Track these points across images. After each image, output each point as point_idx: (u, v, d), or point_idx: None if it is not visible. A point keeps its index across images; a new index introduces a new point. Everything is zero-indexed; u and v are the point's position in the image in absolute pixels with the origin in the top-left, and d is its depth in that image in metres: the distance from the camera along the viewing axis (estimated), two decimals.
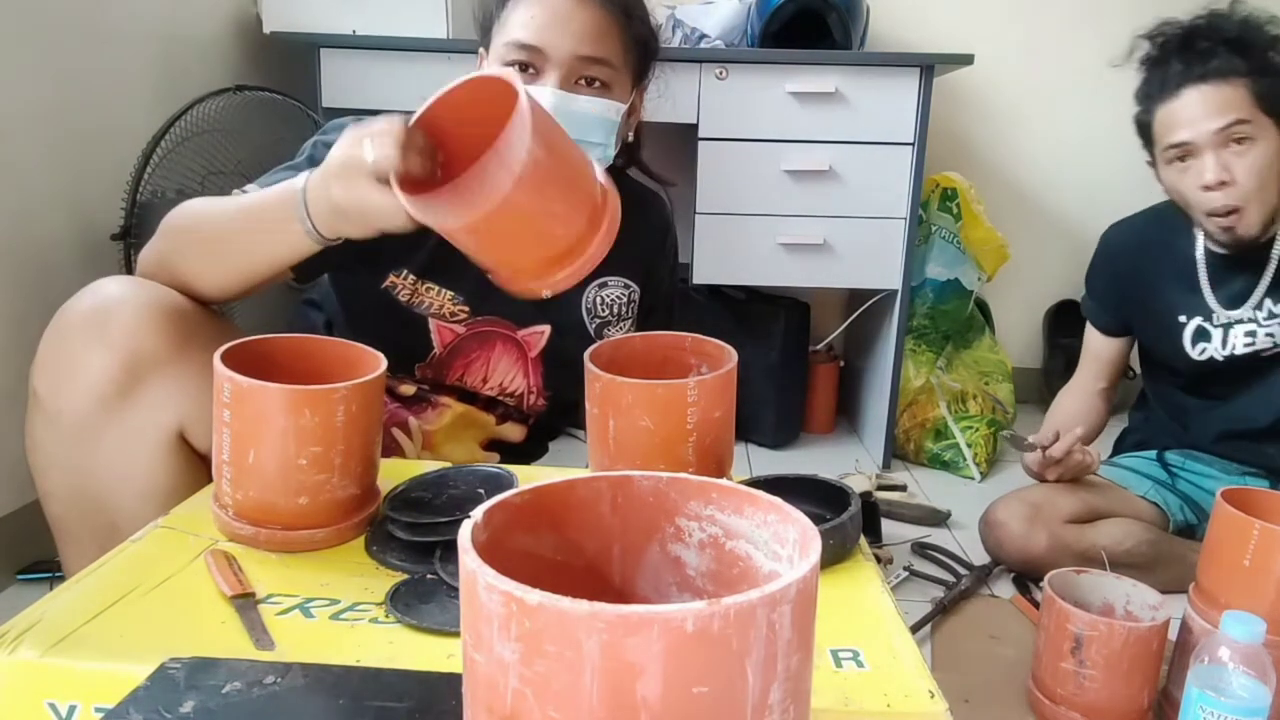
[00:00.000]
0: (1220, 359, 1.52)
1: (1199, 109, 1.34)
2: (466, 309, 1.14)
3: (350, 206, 0.80)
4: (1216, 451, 1.61)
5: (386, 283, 1.11)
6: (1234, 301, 1.49)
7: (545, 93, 1.02)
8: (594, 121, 1.06)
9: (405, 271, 1.11)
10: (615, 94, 1.07)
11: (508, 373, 1.20)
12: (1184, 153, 1.37)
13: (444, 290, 1.12)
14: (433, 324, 1.14)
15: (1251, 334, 1.49)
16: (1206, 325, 1.52)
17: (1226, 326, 1.50)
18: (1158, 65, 1.40)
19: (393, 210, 0.77)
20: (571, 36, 1.02)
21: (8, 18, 1.38)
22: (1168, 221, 1.54)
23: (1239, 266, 1.47)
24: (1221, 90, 1.32)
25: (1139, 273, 1.59)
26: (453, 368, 1.17)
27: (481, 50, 1.12)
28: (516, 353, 1.19)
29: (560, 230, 0.75)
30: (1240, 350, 1.50)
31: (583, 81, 1.04)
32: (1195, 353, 1.53)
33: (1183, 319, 1.53)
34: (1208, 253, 1.51)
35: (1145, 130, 1.45)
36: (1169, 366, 1.61)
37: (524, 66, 1.03)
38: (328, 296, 1.23)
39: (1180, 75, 1.35)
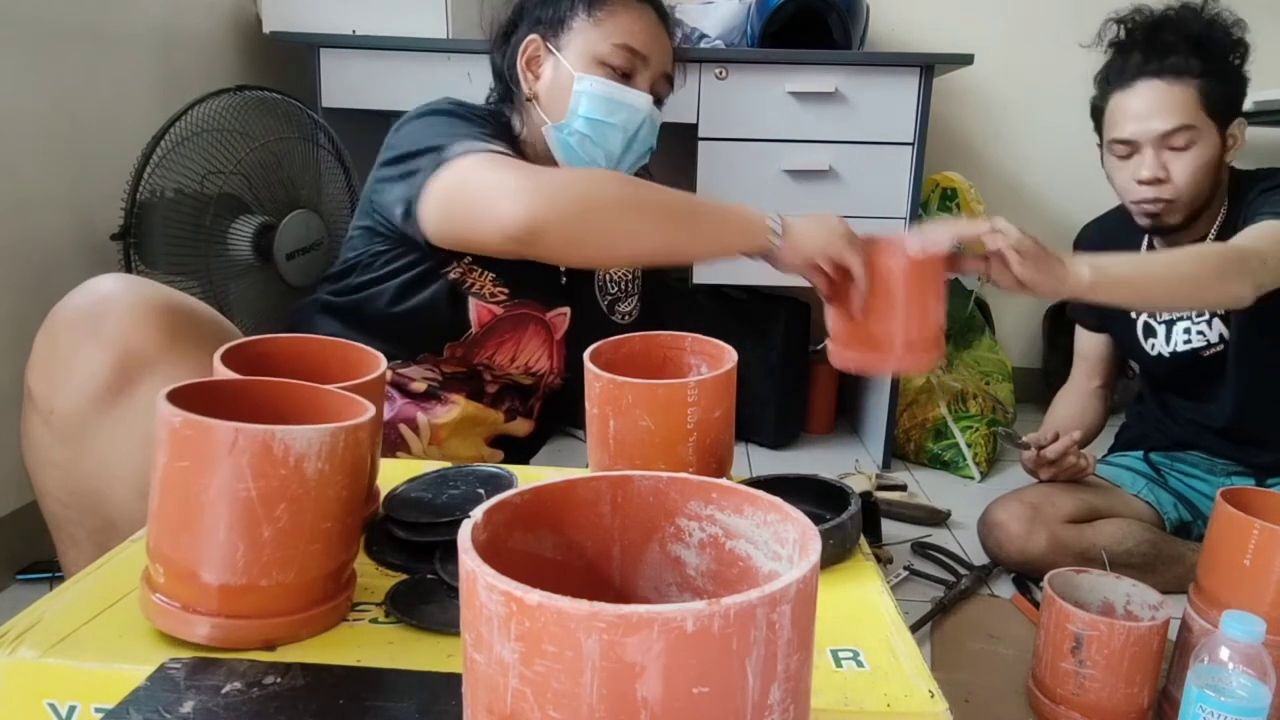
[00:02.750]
0: (1168, 355, 1.54)
1: (1148, 105, 1.36)
2: (506, 290, 1.17)
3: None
4: (1199, 448, 1.62)
5: (448, 266, 1.14)
6: None
7: (648, 100, 1.15)
8: (655, 131, 1.20)
9: (466, 255, 1.14)
10: (663, 106, 1.22)
11: (535, 354, 1.23)
12: (1129, 150, 1.40)
13: (487, 272, 1.16)
14: (473, 303, 1.16)
15: (1188, 331, 1.51)
16: (1151, 321, 1.55)
17: (1169, 323, 1.53)
18: (1121, 52, 1.41)
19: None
20: (664, 52, 1.18)
21: (8, 18, 1.38)
22: (1129, 218, 1.55)
23: None
24: (1173, 90, 1.34)
25: None
26: (485, 346, 1.20)
27: (535, 37, 1.17)
28: (544, 335, 1.23)
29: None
30: (1181, 348, 1.52)
31: (656, 97, 1.18)
32: (1148, 348, 1.57)
33: (1134, 314, 1.56)
34: (1149, 248, 1.54)
35: (1098, 114, 1.47)
36: (1139, 364, 1.65)
37: (619, 69, 1.14)
38: (355, 308, 1.19)
39: (1138, 67, 1.37)
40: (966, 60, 1.93)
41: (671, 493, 0.46)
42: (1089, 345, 1.72)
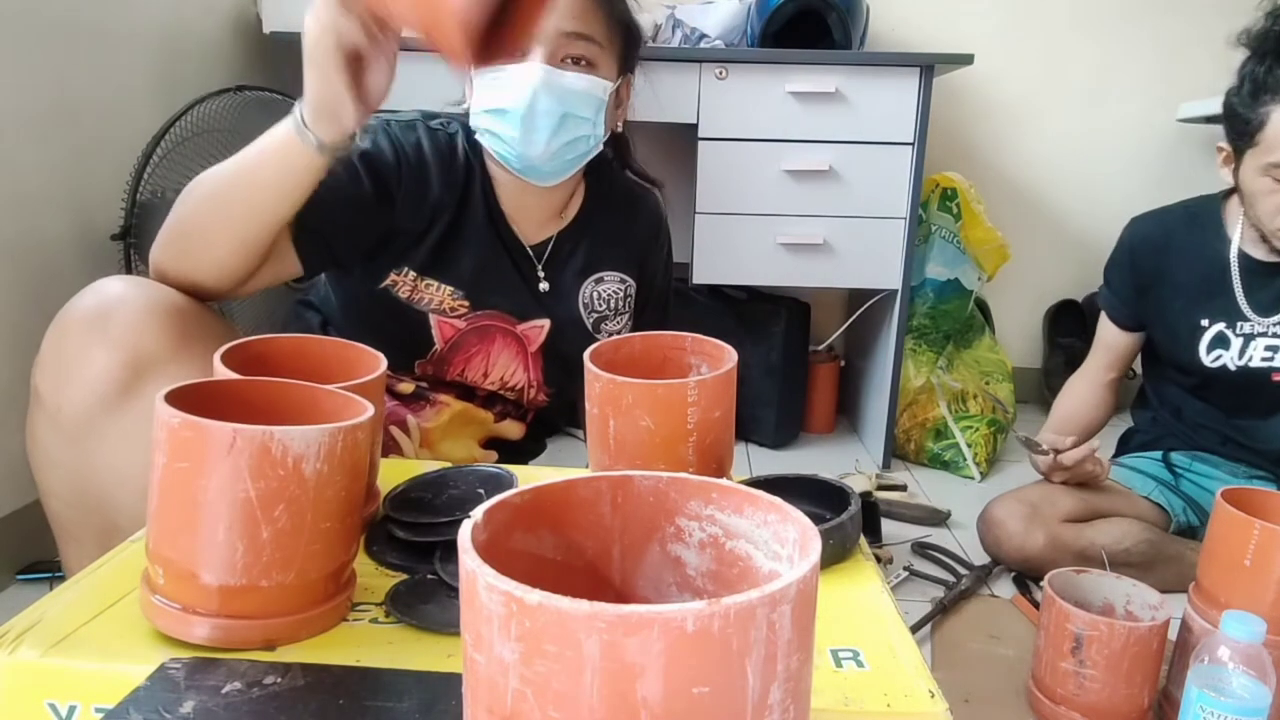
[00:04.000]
0: (1233, 368, 1.49)
1: None
2: (466, 303, 1.14)
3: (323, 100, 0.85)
4: (1222, 454, 1.60)
5: (387, 281, 1.11)
6: (1268, 309, 1.47)
7: (534, 69, 1.02)
8: (581, 98, 1.06)
9: (406, 269, 1.11)
10: (601, 73, 1.08)
11: (508, 367, 1.20)
12: None
13: (443, 285, 1.13)
14: (433, 319, 1.14)
15: (1273, 349, 1.46)
16: (1228, 332, 1.49)
17: (1249, 336, 1.48)
18: None
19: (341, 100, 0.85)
20: (556, 13, 1.02)
21: (8, 18, 1.38)
22: (1199, 220, 1.50)
23: (1277, 272, 1.45)
24: None
25: (1161, 271, 1.55)
26: (453, 363, 1.18)
27: None
28: (516, 347, 1.19)
29: None
30: (1256, 363, 1.47)
31: (569, 59, 1.05)
32: (1209, 359, 1.51)
33: (1204, 322, 1.51)
34: (1243, 256, 1.48)
35: (1241, 122, 1.33)
36: (1178, 367, 1.59)
37: None
38: (326, 299, 1.23)
39: None
40: (966, 60, 1.93)
41: (671, 493, 0.46)
42: (1116, 339, 1.65)
